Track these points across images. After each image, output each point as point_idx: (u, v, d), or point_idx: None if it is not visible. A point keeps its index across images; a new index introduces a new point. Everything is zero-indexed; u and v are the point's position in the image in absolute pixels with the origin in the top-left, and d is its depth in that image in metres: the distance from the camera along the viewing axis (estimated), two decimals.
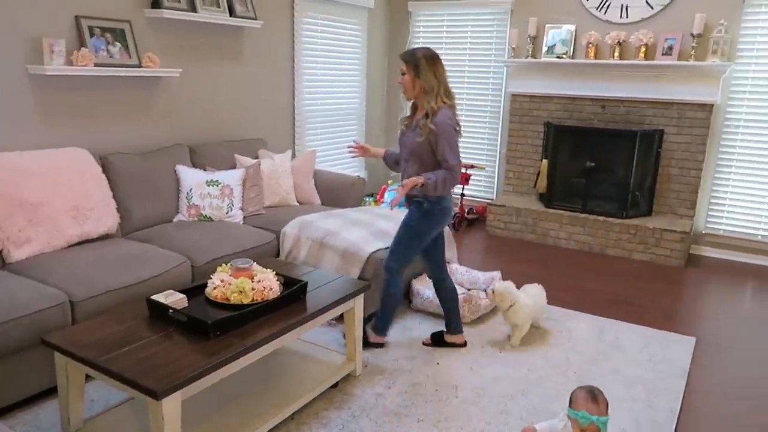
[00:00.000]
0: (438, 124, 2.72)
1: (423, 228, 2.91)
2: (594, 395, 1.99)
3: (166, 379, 1.87)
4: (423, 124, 2.74)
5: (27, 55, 3.18)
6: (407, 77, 2.77)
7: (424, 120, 2.74)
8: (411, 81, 2.77)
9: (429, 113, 2.74)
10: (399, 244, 2.96)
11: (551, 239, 5.17)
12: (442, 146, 2.74)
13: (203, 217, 3.60)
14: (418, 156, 2.80)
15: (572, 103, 5.26)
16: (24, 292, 2.44)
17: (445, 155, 2.75)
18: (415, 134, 2.79)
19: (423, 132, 2.74)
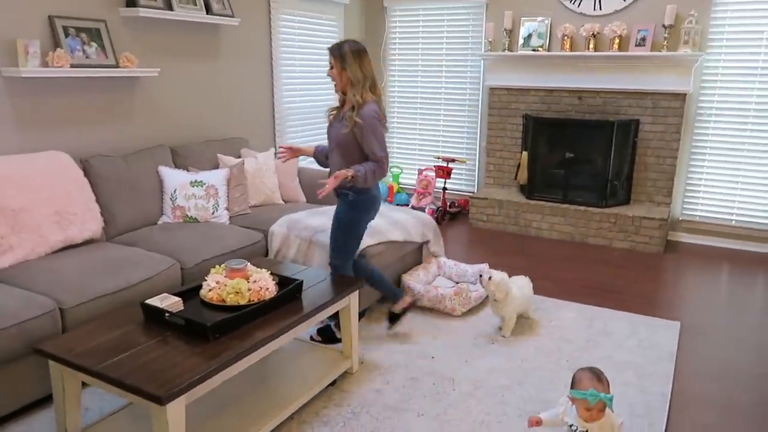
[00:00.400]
0: (364, 117, 2.78)
1: (354, 219, 2.97)
2: (598, 375, 2.04)
3: (169, 384, 1.84)
4: (349, 116, 2.80)
5: (0, 58, 3.09)
6: (335, 70, 2.82)
7: (350, 112, 2.80)
8: (338, 73, 2.82)
9: (355, 106, 2.79)
10: (336, 240, 3.00)
11: (533, 230, 5.24)
12: (369, 139, 2.79)
13: (189, 219, 3.55)
14: (343, 147, 2.86)
15: (550, 95, 5.33)
16: (11, 301, 2.38)
17: (372, 148, 2.81)
18: (341, 125, 2.84)
19: (348, 124, 2.80)
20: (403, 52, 6.11)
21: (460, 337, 3.26)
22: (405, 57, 6.12)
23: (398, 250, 3.62)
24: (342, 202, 2.95)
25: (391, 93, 6.27)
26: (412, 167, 6.23)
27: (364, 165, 2.81)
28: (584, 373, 2.05)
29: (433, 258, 4.02)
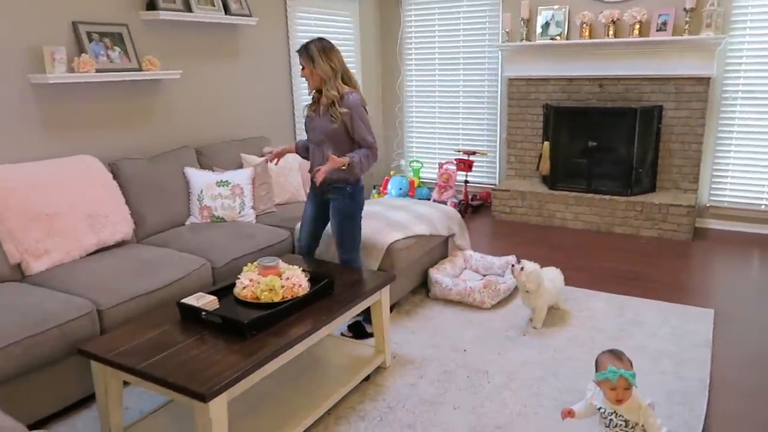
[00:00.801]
0: (351, 106, 2.84)
1: (356, 210, 3.03)
2: (617, 354, 2.06)
3: (211, 381, 1.86)
4: (334, 112, 2.85)
5: (27, 65, 3.13)
6: (306, 70, 2.87)
7: (333, 108, 2.85)
8: (309, 73, 2.87)
9: (334, 100, 2.84)
10: (343, 235, 3.02)
11: (558, 221, 5.20)
12: (359, 127, 2.87)
13: (216, 218, 3.57)
14: (334, 140, 2.90)
15: (570, 84, 5.27)
16: (51, 303, 2.42)
17: (363, 134, 2.88)
18: (326, 120, 2.88)
19: (336, 119, 2.85)
20: (419, 46, 6.09)
21: (490, 329, 3.24)
22: (421, 51, 6.09)
23: (424, 244, 3.61)
24: (339, 196, 2.97)
25: (409, 87, 6.25)
26: (432, 161, 6.21)
27: (357, 152, 2.88)
28: (604, 355, 2.07)
29: (459, 251, 4.01)
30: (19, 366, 2.23)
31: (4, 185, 2.77)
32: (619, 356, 2.04)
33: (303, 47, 2.88)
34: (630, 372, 1.97)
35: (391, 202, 3.94)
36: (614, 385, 1.97)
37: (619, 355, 2.05)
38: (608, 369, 1.98)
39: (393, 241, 3.31)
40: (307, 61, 2.85)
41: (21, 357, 2.23)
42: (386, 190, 5.77)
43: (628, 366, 2.01)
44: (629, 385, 1.97)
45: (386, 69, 6.30)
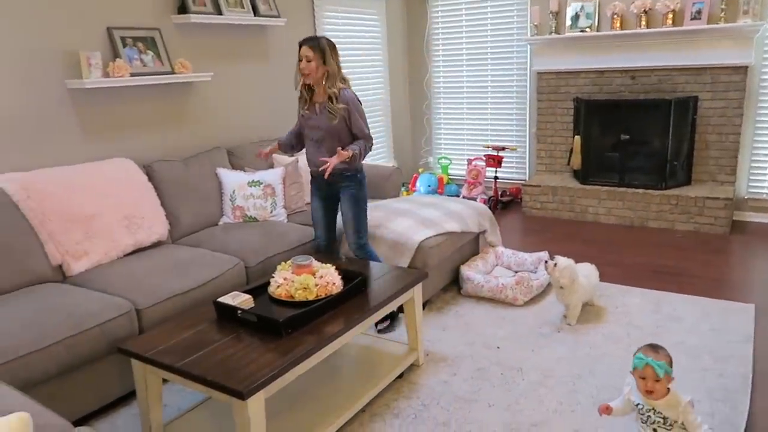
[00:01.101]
0: (348, 101, 3.00)
1: (366, 195, 3.19)
2: (654, 346, 2.04)
3: (249, 379, 1.88)
4: (332, 108, 2.97)
5: (64, 71, 3.21)
6: (313, 63, 2.92)
7: (331, 104, 2.97)
8: (316, 67, 2.93)
9: (333, 97, 2.97)
10: (360, 220, 3.16)
11: (590, 215, 5.12)
12: (357, 120, 3.02)
13: (248, 218, 3.61)
14: (335, 135, 3.02)
15: (601, 77, 5.18)
16: (91, 303, 2.48)
17: (361, 126, 3.04)
18: (324, 117, 3.00)
19: (336, 115, 2.97)
20: (446, 42, 6.06)
21: (524, 326, 3.21)
22: (449, 47, 6.06)
23: (455, 241, 3.60)
24: (352, 183, 3.11)
25: (436, 84, 6.22)
26: (460, 158, 6.17)
27: (357, 143, 3.03)
28: (642, 347, 2.03)
29: (490, 248, 3.98)
30: (61, 365, 2.29)
31: (45, 189, 2.84)
32: (656, 349, 2.01)
33: (315, 40, 2.94)
34: (658, 362, 1.94)
35: (421, 200, 3.93)
36: (642, 374, 1.96)
37: (656, 348, 2.02)
38: (637, 356, 1.97)
39: (424, 238, 3.31)
40: (317, 55, 2.91)
41: (63, 356, 2.29)
42: (415, 188, 5.76)
43: (664, 359, 1.97)
44: (658, 377, 1.94)
45: (413, 66, 6.28)
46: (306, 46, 2.93)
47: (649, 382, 1.95)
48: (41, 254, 2.77)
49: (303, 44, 2.95)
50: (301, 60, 2.94)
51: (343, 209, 3.16)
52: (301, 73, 2.98)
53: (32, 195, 2.79)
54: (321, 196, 3.21)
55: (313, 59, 2.91)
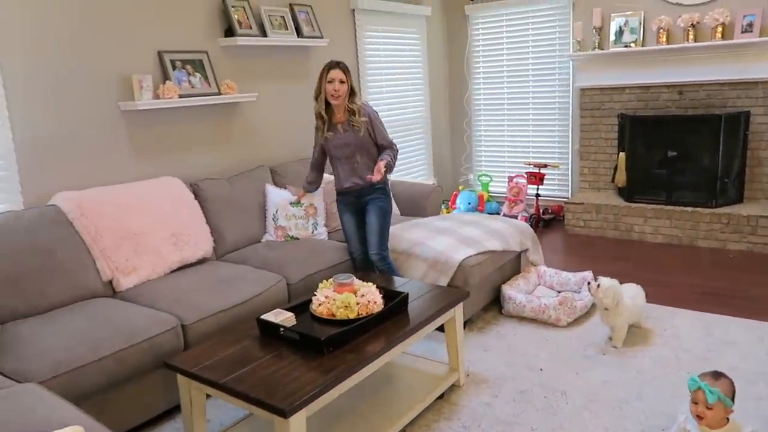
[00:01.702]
0: (369, 113, 3.23)
1: (392, 208, 3.39)
2: (717, 374, 1.98)
3: (291, 397, 1.90)
4: (356, 122, 3.18)
5: (117, 93, 3.35)
6: (345, 85, 3.15)
7: (355, 118, 3.18)
8: (347, 86, 3.16)
9: (356, 111, 3.18)
10: (385, 230, 3.30)
11: (636, 234, 4.99)
12: (380, 130, 3.27)
13: (290, 238, 3.66)
14: (366, 149, 3.24)
15: (646, 92, 5.08)
16: (139, 318, 2.55)
17: (384, 136, 3.27)
18: (351, 133, 3.21)
19: (361, 128, 3.19)
20: (487, 58, 6.05)
21: (567, 348, 3.14)
22: (489, 63, 6.05)
23: (497, 260, 3.56)
24: (383, 195, 3.31)
25: (477, 101, 6.21)
26: (501, 175, 6.13)
27: (385, 153, 3.24)
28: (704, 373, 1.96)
29: (532, 267, 3.92)
30: (111, 377, 2.35)
31: (98, 207, 2.96)
32: (717, 376, 1.95)
33: (341, 62, 3.19)
34: (711, 388, 1.86)
35: (462, 218, 3.91)
36: (694, 397, 1.91)
37: (718, 375, 1.95)
38: (690, 378, 1.92)
39: (465, 257, 3.28)
40: (347, 75, 3.16)
41: (113, 369, 2.36)
42: (455, 205, 5.74)
43: (724, 388, 1.90)
44: (709, 404, 1.86)
45: (453, 83, 6.30)
46: (338, 69, 3.13)
47: (700, 407, 1.89)
48: (93, 270, 2.87)
49: (335, 67, 3.15)
50: (331, 82, 3.11)
51: (370, 219, 3.27)
52: (332, 95, 3.14)
53: (86, 213, 2.91)
54: (352, 211, 3.35)
55: (345, 81, 3.14)
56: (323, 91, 3.18)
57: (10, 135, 2.92)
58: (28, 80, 2.97)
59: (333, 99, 3.15)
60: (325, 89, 3.16)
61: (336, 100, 3.15)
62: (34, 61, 2.99)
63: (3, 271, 2.58)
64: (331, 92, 3.13)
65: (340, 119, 3.22)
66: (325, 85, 3.16)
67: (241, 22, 3.90)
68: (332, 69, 3.13)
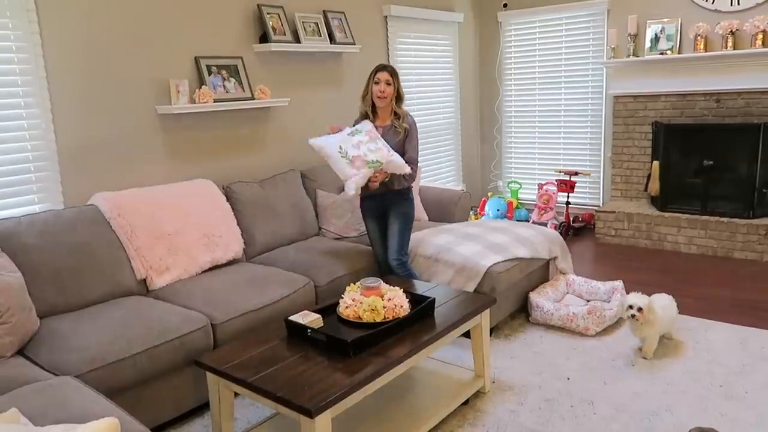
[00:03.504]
0: (411, 125, 3.30)
1: (414, 213, 3.41)
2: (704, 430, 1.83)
3: (317, 397, 1.92)
4: (399, 125, 3.24)
5: (155, 97, 3.44)
6: (392, 87, 3.22)
7: (399, 122, 3.25)
8: (393, 90, 3.22)
9: (401, 115, 3.27)
10: (406, 236, 3.33)
11: (669, 244, 4.89)
12: (413, 144, 3.29)
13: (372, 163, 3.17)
14: (399, 153, 3.22)
15: (682, 100, 4.99)
16: (171, 317, 2.61)
17: (412, 153, 3.28)
18: (392, 134, 3.25)
19: (401, 131, 3.24)
20: (519, 65, 6.03)
21: (595, 357, 3.10)
22: (521, 70, 6.02)
23: (524, 267, 3.53)
24: (405, 202, 3.33)
25: (508, 107, 6.19)
26: (531, 182, 6.08)
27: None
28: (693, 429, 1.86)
29: (561, 275, 3.88)
30: (143, 373, 2.42)
31: (134, 207, 3.04)
32: None
33: (390, 65, 3.24)
34: None
35: (490, 224, 3.90)
36: None
37: None
38: None
39: (492, 263, 3.27)
40: (395, 78, 3.23)
41: (145, 365, 2.42)
42: (483, 212, 5.72)
43: None
44: None
45: (484, 90, 6.28)
46: (386, 71, 3.21)
47: None
48: (128, 268, 2.96)
49: (382, 70, 3.21)
50: (378, 83, 3.19)
51: (391, 225, 3.32)
52: (379, 96, 3.21)
53: (122, 213, 2.99)
54: (375, 216, 3.39)
55: (392, 83, 3.21)
56: (370, 91, 3.26)
57: (54, 138, 3.03)
58: (71, 86, 3.08)
59: (379, 100, 3.23)
60: (372, 90, 3.24)
61: (381, 101, 3.23)
62: (77, 68, 3.10)
63: (44, 268, 2.67)
64: (377, 93, 3.21)
65: (384, 122, 3.29)
66: (372, 86, 3.24)
67: (275, 28, 3.97)
68: (380, 71, 3.23)
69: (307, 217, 3.89)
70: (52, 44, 2.99)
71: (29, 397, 1.89)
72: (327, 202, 3.97)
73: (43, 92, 2.98)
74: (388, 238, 3.33)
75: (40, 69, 2.95)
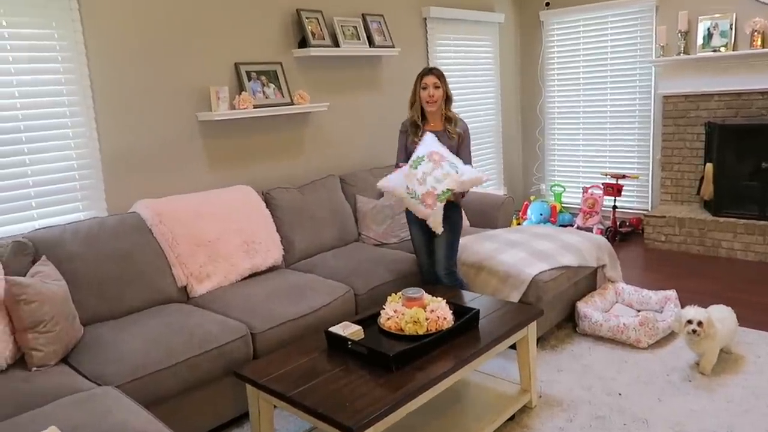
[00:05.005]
0: (465, 130, 3.19)
1: (462, 222, 3.28)
2: None
3: (358, 414, 1.86)
4: (452, 129, 3.13)
5: (196, 104, 3.45)
6: (441, 90, 3.10)
7: (451, 126, 3.13)
8: (442, 92, 3.11)
9: (453, 119, 3.16)
10: (452, 246, 3.19)
11: (723, 251, 4.66)
12: (466, 149, 3.18)
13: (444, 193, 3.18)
14: None
15: (737, 99, 4.75)
16: (212, 326, 2.59)
17: (467, 157, 3.16)
18: (446, 139, 3.11)
19: (454, 136, 3.13)
20: (562, 65, 5.85)
21: (649, 372, 2.95)
22: (565, 70, 5.85)
23: (571, 276, 3.40)
24: (453, 211, 3.16)
25: (550, 109, 6.02)
26: (575, 186, 5.90)
27: None
28: None
29: (609, 283, 3.72)
30: (183, 383, 2.40)
31: (175, 215, 3.05)
32: None
33: (437, 68, 3.12)
34: None
35: (534, 230, 3.77)
36: None
37: None
38: None
39: (538, 272, 3.16)
40: (442, 81, 3.11)
41: (185, 375, 2.40)
42: (526, 216, 5.57)
43: None
44: None
45: (526, 91, 6.13)
46: (433, 75, 3.10)
47: None
48: (170, 276, 2.96)
49: (429, 73, 3.11)
50: (426, 88, 3.09)
51: (440, 235, 3.14)
52: (428, 102, 3.10)
53: (164, 220, 3.00)
54: (421, 222, 3.18)
55: (440, 86, 3.10)
56: (418, 98, 3.14)
57: (98, 146, 3.07)
58: (114, 94, 3.11)
59: (428, 105, 3.11)
60: (420, 96, 3.12)
61: (431, 106, 3.11)
62: (120, 76, 3.13)
63: (88, 275, 2.69)
64: (426, 98, 3.10)
65: (436, 127, 3.15)
66: (420, 91, 3.12)
67: (314, 33, 3.94)
68: (426, 75, 3.11)
69: (347, 223, 3.84)
70: (95, 53, 3.02)
71: (71, 408, 1.88)
72: (367, 208, 3.91)
73: (87, 101, 3.01)
74: (436, 247, 3.19)
75: (84, 78, 2.99)
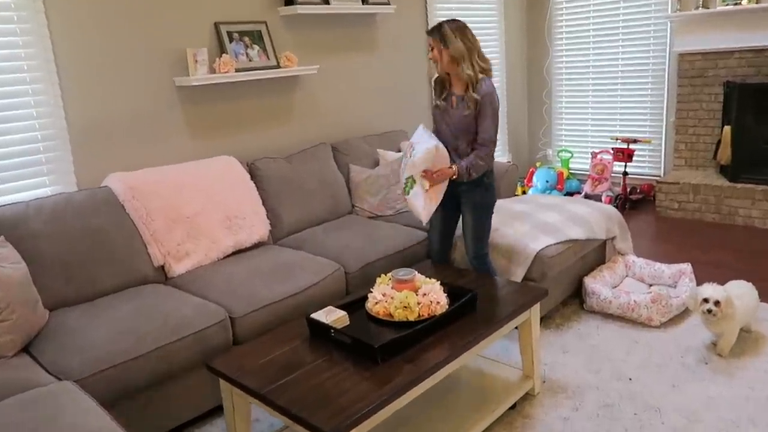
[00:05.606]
0: (483, 93, 2.64)
1: (492, 201, 2.85)
2: None
3: (339, 415, 1.66)
4: (468, 97, 2.65)
5: (172, 68, 3.19)
6: (435, 51, 2.68)
7: (468, 93, 2.65)
8: (439, 53, 2.66)
9: (470, 83, 2.64)
10: (482, 229, 2.85)
11: (740, 219, 4.40)
12: (486, 118, 2.66)
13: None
14: (466, 131, 2.70)
15: (759, 56, 4.42)
16: (188, 309, 2.39)
17: (487, 128, 2.67)
18: (463, 109, 2.68)
19: (470, 105, 2.65)
20: (571, 22, 5.49)
21: (661, 353, 2.74)
22: (573, 28, 5.49)
23: (578, 249, 3.17)
24: (475, 187, 2.77)
25: (558, 70, 5.68)
26: (584, 151, 5.61)
27: (465, 159, 2.69)
28: None
29: (619, 256, 3.49)
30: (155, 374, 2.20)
31: (151, 188, 2.82)
32: None
33: (436, 27, 2.69)
34: None
35: (540, 200, 3.53)
36: None
37: None
38: None
39: (543, 247, 2.93)
40: (437, 41, 2.67)
41: (157, 365, 2.21)
42: (531, 183, 5.31)
43: None
44: None
45: (532, 52, 5.79)
46: (429, 36, 2.72)
47: None
48: (145, 255, 2.75)
49: (428, 35, 2.75)
50: (433, 49, 2.72)
51: (465, 218, 2.85)
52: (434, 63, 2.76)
53: (137, 195, 2.78)
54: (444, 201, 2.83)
55: (435, 46, 2.68)
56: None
57: (63, 114, 2.82)
58: (79, 60, 2.85)
59: (437, 67, 2.76)
60: None
61: (439, 68, 2.75)
62: (85, 39, 2.86)
63: (53, 256, 2.49)
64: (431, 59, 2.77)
65: (458, 91, 2.72)
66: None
67: None
68: (428, 36, 2.78)
69: (339, 194, 3.61)
70: (56, 14, 2.75)
71: (14, 410, 1.69)
72: (360, 178, 3.67)
73: (50, 66, 2.75)
74: (464, 234, 2.88)
75: (44, 39, 2.72)
